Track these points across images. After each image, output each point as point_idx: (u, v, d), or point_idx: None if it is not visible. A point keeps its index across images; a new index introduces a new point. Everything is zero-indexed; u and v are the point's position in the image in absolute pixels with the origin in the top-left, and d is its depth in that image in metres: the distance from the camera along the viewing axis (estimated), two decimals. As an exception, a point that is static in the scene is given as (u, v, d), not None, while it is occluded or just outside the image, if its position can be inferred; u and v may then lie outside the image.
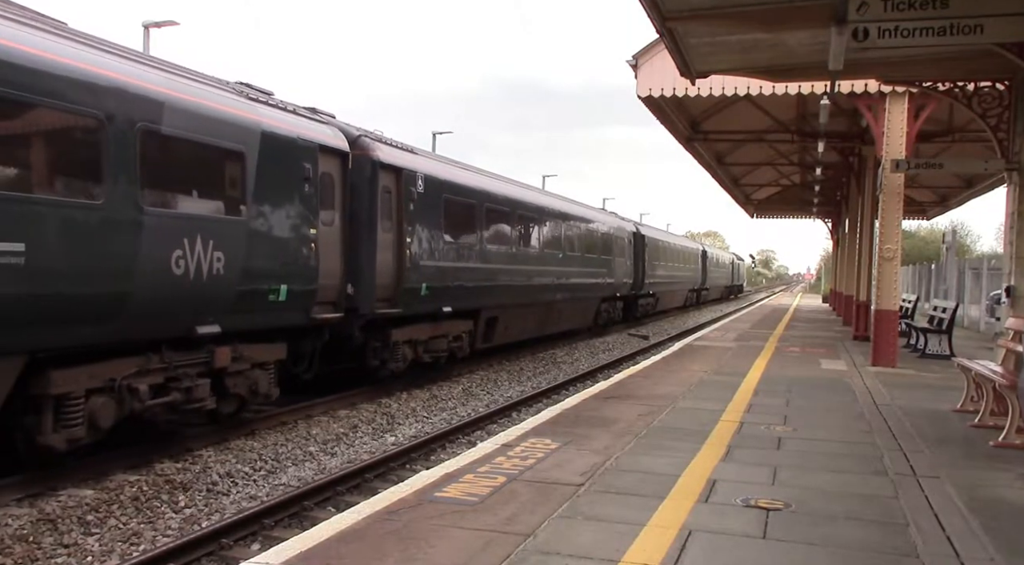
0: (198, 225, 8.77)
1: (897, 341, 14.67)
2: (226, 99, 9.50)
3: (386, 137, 13.65)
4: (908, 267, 40.44)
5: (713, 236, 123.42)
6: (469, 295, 15.54)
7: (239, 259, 9.35)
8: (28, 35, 7.16)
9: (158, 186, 8.36)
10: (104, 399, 8.00)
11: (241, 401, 10.14)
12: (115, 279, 7.80)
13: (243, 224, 9.49)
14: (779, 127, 20.04)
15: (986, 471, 6.66)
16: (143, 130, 8.06)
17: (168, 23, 17.27)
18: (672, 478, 6.08)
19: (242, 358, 9.86)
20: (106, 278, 7.71)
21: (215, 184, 9.32)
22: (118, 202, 7.76)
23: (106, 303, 7.74)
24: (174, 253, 8.42)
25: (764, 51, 10.17)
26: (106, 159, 7.65)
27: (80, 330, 7.57)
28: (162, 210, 8.38)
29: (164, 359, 8.68)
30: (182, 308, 8.66)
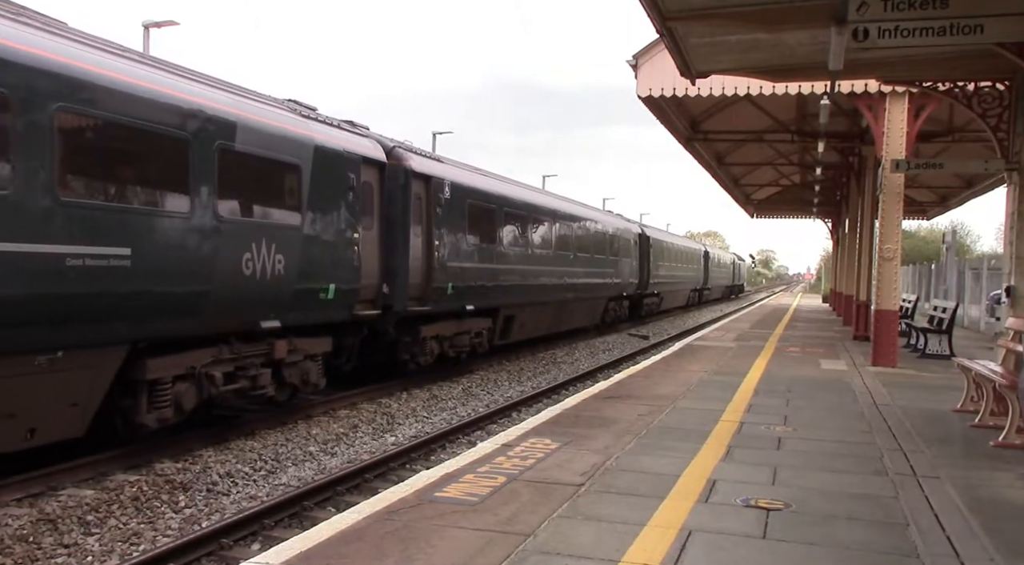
0: (263, 231, 9.88)
1: (897, 341, 14.67)
2: (285, 118, 10.64)
3: (416, 147, 14.66)
4: (908, 267, 40.44)
5: (713, 236, 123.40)
6: (489, 294, 16.50)
7: (296, 261, 10.43)
8: (144, 70, 8.42)
9: (232, 197, 9.42)
10: (187, 384, 9.11)
11: (294, 389, 11.13)
12: (199, 279, 8.87)
13: (299, 230, 10.61)
14: (779, 127, 20.05)
15: (986, 471, 6.66)
16: (220, 148, 9.19)
17: (168, 23, 17.27)
18: (672, 478, 6.08)
19: (296, 350, 10.90)
20: (192, 278, 8.79)
21: (277, 194, 10.37)
22: (200, 212, 8.88)
23: (191, 300, 8.81)
24: (244, 256, 9.54)
25: (764, 51, 10.17)
26: (192, 174, 8.78)
27: (170, 323, 8.65)
28: (235, 218, 9.47)
29: (233, 350, 9.76)
30: (250, 305, 9.72)
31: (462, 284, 15.17)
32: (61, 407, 7.61)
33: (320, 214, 10.99)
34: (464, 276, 15.31)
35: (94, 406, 7.98)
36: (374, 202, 12.64)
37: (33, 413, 7.31)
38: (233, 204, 9.46)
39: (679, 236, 49.60)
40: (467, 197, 15.56)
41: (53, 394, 7.49)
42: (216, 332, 9.41)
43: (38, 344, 7.19)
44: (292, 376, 10.89)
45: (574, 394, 11.52)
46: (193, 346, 9.13)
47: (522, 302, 18.46)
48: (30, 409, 7.26)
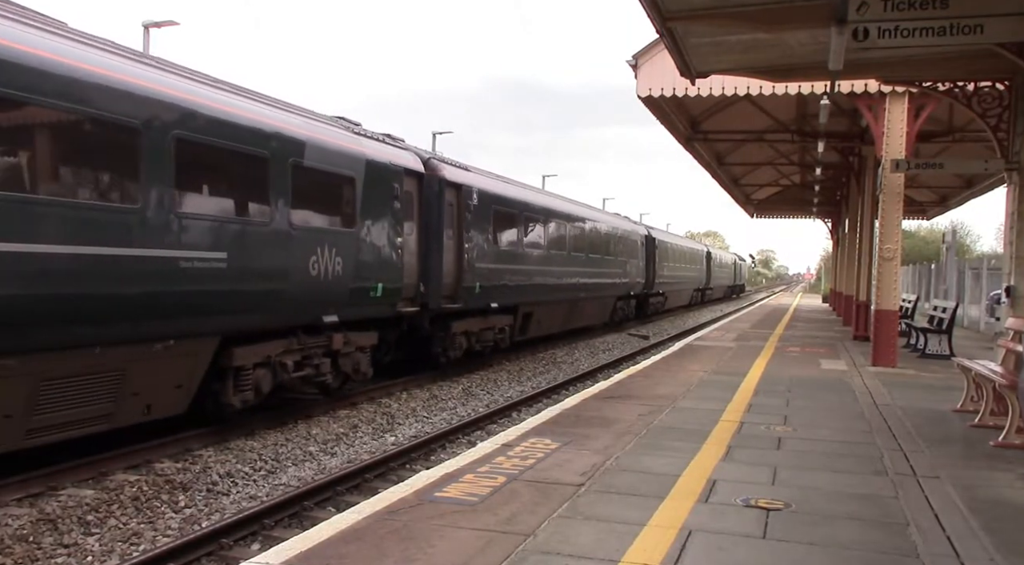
0: (326, 237, 11.18)
1: (897, 341, 14.67)
2: (343, 136, 11.92)
3: (447, 158, 15.94)
4: (908, 267, 40.44)
5: (713, 236, 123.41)
6: (511, 293, 17.76)
7: (351, 263, 11.70)
8: (235, 99, 9.79)
9: (302, 207, 10.66)
10: (264, 371, 10.39)
11: (346, 377, 12.39)
12: (276, 279, 10.17)
13: (354, 235, 11.87)
14: (779, 127, 20.04)
15: (986, 471, 6.66)
16: (293, 164, 10.49)
17: (168, 23, 17.26)
18: (672, 478, 6.08)
19: (350, 342, 12.15)
20: (271, 279, 10.09)
21: (337, 204, 11.66)
22: (278, 221, 10.19)
23: (270, 297, 10.11)
24: (311, 259, 10.81)
25: (764, 51, 10.17)
26: (271, 188, 10.07)
27: (253, 318, 9.93)
28: (304, 225, 10.73)
29: (300, 342, 11.00)
30: (314, 301, 10.96)
31: (488, 283, 16.35)
32: (169, 388, 8.96)
33: (371, 221, 12.29)
34: (489, 276, 16.48)
35: (193, 388, 9.32)
36: (414, 209, 13.90)
37: (150, 392, 8.68)
38: (303, 213, 10.71)
39: (683, 237, 51.02)
40: (492, 203, 16.83)
41: (164, 377, 8.84)
42: (288, 325, 10.72)
43: (157, 334, 8.54)
44: (346, 365, 12.20)
45: (574, 394, 11.52)
46: (269, 338, 10.42)
47: (539, 300, 19.76)
48: (148, 389, 8.63)
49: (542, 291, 19.78)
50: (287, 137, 10.42)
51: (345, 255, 11.52)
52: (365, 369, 12.68)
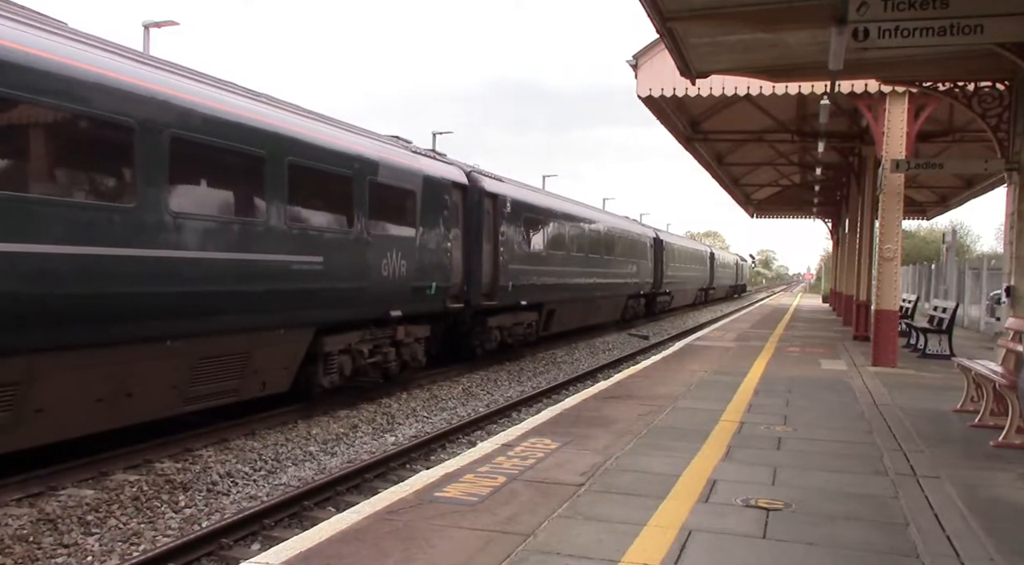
0: (394, 242, 13.02)
1: (897, 341, 14.67)
2: (406, 155, 13.93)
3: (486, 171, 17.80)
4: (908, 267, 40.45)
5: (713, 236, 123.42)
6: (537, 291, 19.60)
7: (413, 265, 13.59)
8: (328, 128, 11.75)
9: (376, 218, 12.47)
10: (346, 357, 12.20)
11: (404, 365, 14.07)
12: (358, 279, 12.04)
13: (415, 240, 13.75)
14: (779, 127, 20.04)
15: (986, 471, 6.66)
16: (370, 182, 12.31)
17: (168, 23, 17.27)
18: (672, 478, 6.08)
19: (409, 334, 13.93)
20: (354, 278, 11.94)
21: (402, 214, 13.47)
22: (359, 229, 12.05)
23: (353, 295, 11.93)
24: (383, 262, 12.65)
25: (764, 51, 10.17)
26: (354, 202, 11.95)
27: (341, 312, 11.76)
28: (378, 233, 12.57)
29: (371, 333, 12.76)
30: (385, 298, 12.78)
31: (518, 283, 18.23)
32: (279, 369, 10.77)
33: (427, 228, 14.17)
34: (520, 276, 18.36)
35: (295, 370, 11.10)
36: (459, 217, 15.73)
37: (266, 372, 10.50)
38: (378, 223, 12.54)
39: (689, 240, 53.50)
40: (522, 210, 18.72)
41: (276, 360, 10.66)
42: (364, 318, 12.44)
43: (273, 324, 10.34)
44: (406, 354, 14.01)
45: (574, 394, 11.53)
46: (350, 329, 12.12)
47: (562, 298, 21.66)
48: (264, 369, 10.44)
49: (564, 290, 21.64)
50: (365, 159, 12.32)
51: (408, 258, 13.48)
52: (420, 358, 14.58)
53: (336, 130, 12.00)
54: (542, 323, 20.51)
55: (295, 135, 10.73)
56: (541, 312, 20.21)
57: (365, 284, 12.16)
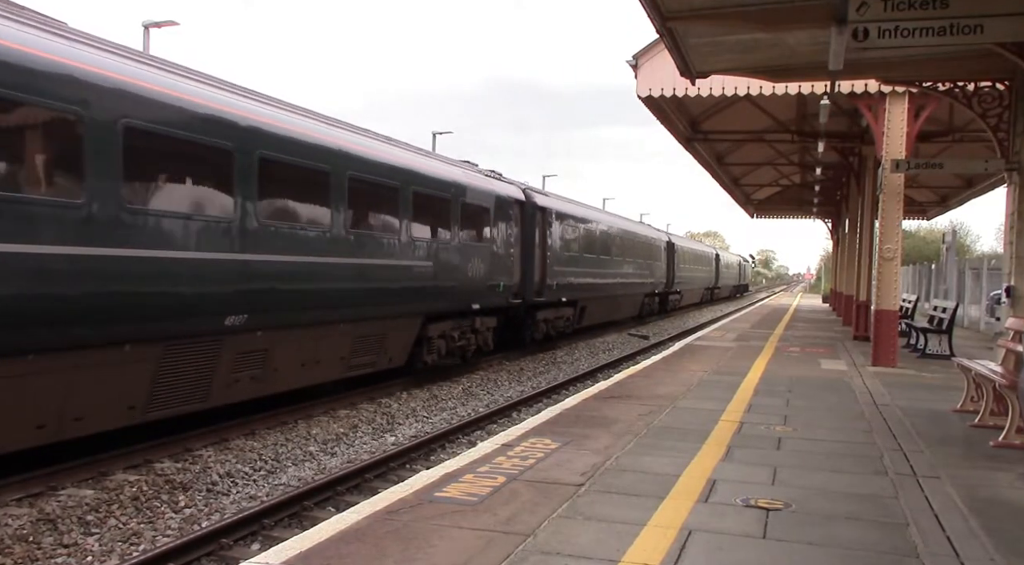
0: (475, 249, 16.18)
1: (897, 341, 14.67)
2: (483, 179, 17.22)
3: (536, 188, 21.46)
4: (908, 267, 40.44)
5: (713, 236, 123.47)
6: (575, 290, 22.63)
7: (487, 267, 16.72)
8: (429, 160, 14.93)
9: (466, 229, 15.75)
10: (442, 340, 15.31)
11: (477, 349, 17.11)
12: (453, 278, 15.14)
13: (489, 248, 16.96)
14: (779, 127, 20.03)
15: (986, 471, 6.66)
16: (461, 202, 15.53)
17: (168, 23, 17.28)
18: (672, 478, 6.08)
19: (483, 324, 17.14)
20: (451, 278, 15.07)
21: (481, 226, 16.59)
22: (455, 239, 15.26)
23: (450, 291, 15.00)
24: (469, 264, 15.78)
25: (764, 51, 10.17)
26: (451, 218, 15.12)
27: (441, 304, 14.74)
28: (467, 242, 15.74)
29: (458, 322, 15.89)
30: (469, 294, 15.90)
31: (561, 282, 21.18)
32: (400, 348, 13.88)
33: (497, 238, 17.34)
34: (561, 276, 21.29)
35: (409, 349, 14.21)
36: (518, 227, 18.71)
37: (392, 350, 13.56)
38: (465, 233, 15.68)
39: (697, 243, 57.06)
40: (563, 220, 21.78)
41: (398, 341, 13.73)
42: (454, 310, 15.47)
43: (401, 313, 13.46)
44: (479, 341, 17.14)
45: (574, 394, 11.52)
46: (444, 318, 15.19)
47: (593, 296, 24.80)
48: (391, 347, 13.48)
49: (595, 289, 24.84)
50: (458, 184, 15.54)
51: (484, 262, 16.53)
52: (490, 344, 17.74)
53: (439, 163, 15.55)
54: (577, 317, 23.64)
55: (416, 169, 13.92)
56: (576, 307, 23.41)
57: (457, 283, 15.35)
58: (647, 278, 32.66)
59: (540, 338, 20.75)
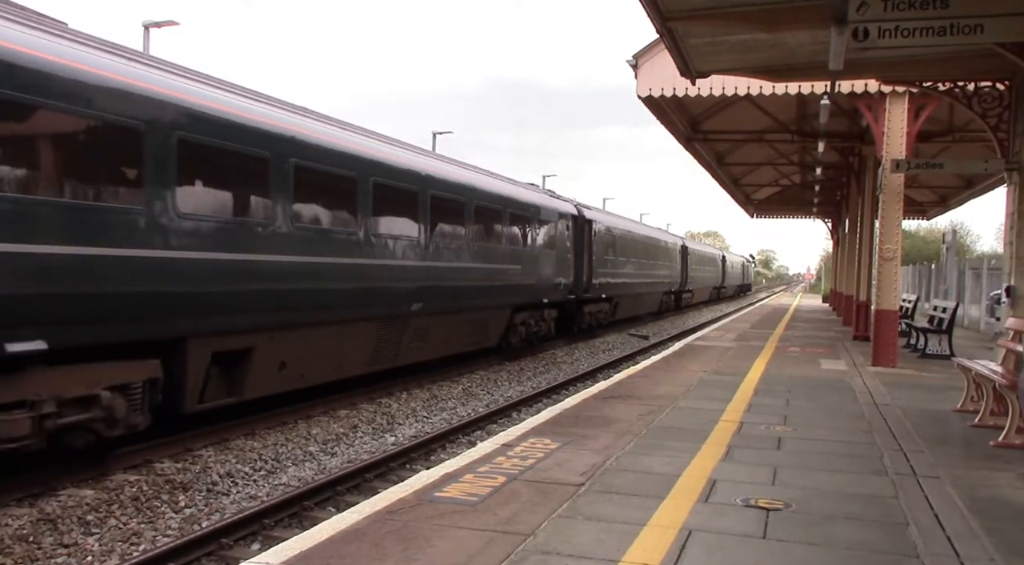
0: (546, 255, 20.23)
1: (897, 341, 14.66)
2: (549, 199, 21.48)
3: (585, 204, 25.66)
4: (908, 267, 40.44)
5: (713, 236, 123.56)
6: (611, 288, 27.08)
7: (553, 269, 20.77)
8: (510, 186, 18.86)
9: (538, 239, 19.72)
10: (523, 327, 19.51)
11: (544, 336, 21.38)
12: (532, 277, 19.18)
13: (554, 253, 20.99)
14: (779, 127, 20.03)
15: (986, 471, 6.66)
16: (537, 218, 19.55)
17: (168, 23, 17.28)
18: (672, 478, 6.08)
19: (549, 315, 21.44)
20: (530, 277, 19.03)
21: (549, 236, 20.65)
22: (532, 246, 19.31)
23: (530, 288, 19.13)
24: (541, 267, 19.86)
25: (764, 51, 10.17)
26: (529, 230, 19.09)
27: (524, 298, 18.92)
28: (540, 249, 19.82)
29: (533, 313, 20.09)
30: (542, 290, 20.06)
31: (601, 282, 25.55)
32: (495, 332, 18.02)
33: (559, 245, 21.46)
34: (602, 277, 25.64)
35: (501, 333, 18.37)
36: (571, 237, 22.61)
37: (491, 334, 17.82)
38: (540, 242, 19.90)
39: (707, 246, 62.43)
40: (603, 229, 26.02)
41: (496, 326, 17.93)
42: (531, 303, 19.56)
43: (499, 305, 17.62)
44: (544, 328, 21.35)
45: (574, 394, 11.52)
46: (525, 310, 19.45)
47: (624, 294, 29.30)
48: (491, 332, 17.75)
49: (625, 287, 29.26)
50: (536, 205, 19.94)
51: (551, 265, 20.62)
52: (552, 331, 22.08)
53: (523, 189, 19.99)
54: (612, 311, 28.27)
55: (511, 195, 18.37)
56: (611, 303, 27.95)
57: (535, 282, 19.46)
58: (665, 278, 37.25)
59: (585, 327, 25.32)
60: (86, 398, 7.73)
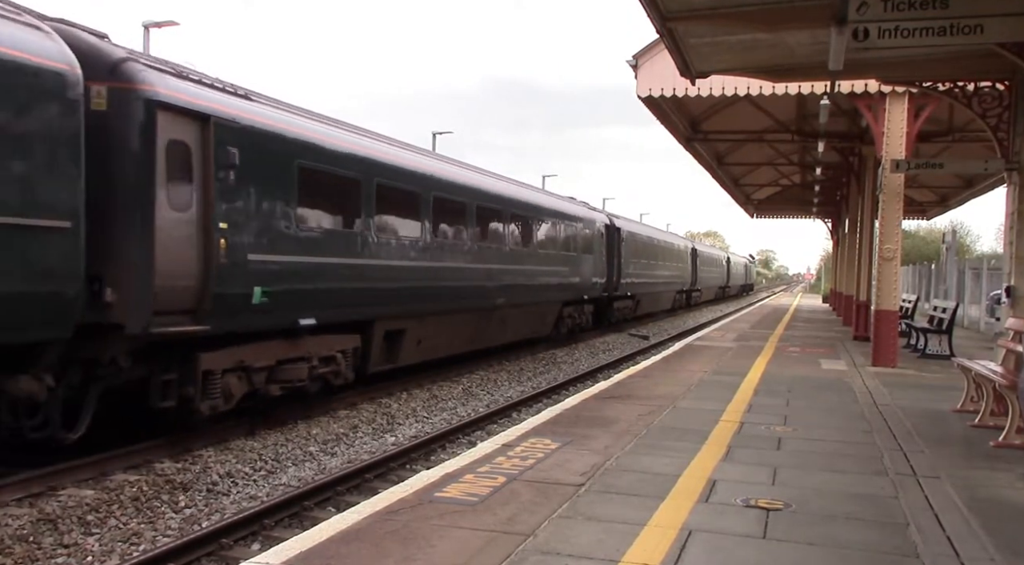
0: (586, 259, 23.66)
1: (897, 341, 14.67)
2: (590, 212, 25.37)
3: (617, 214, 30.23)
4: (908, 267, 40.43)
5: (713, 236, 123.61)
6: (634, 287, 30.70)
7: (591, 271, 24.25)
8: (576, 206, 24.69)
9: (581, 246, 23.36)
10: (570, 319, 23.50)
11: (582, 327, 25.11)
12: (576, 278, 22.73)
13: (592, 258, 24.36)
14: (779, 127, 20.03)
15: (986, 471, 6.66)
16: (582, 228, 23.84)
17: (168, 23, 17.28)
18: (672, 478, 6.08)
19: (587, 309, 25.43)
20: (575, 277, 22.63)
21: (589, 243, 24.11)
22: (580, 252, 23.18)
23: (574, 285, 22.59)
24: (583, 268, 23.36)
25: (764, 51, 10.17)
26: (576, 238, 23.05)
27: (569, 294, 22.53)
28: (582, 254, 23.39)
29: (576, 308, 23.82)
30: (583, 288, 23.47)
31: (627, 281, 29.20)
32: (550, 323, 21.76)
33: (596, 251, 25.01)
34: (627, 277, 29.21)
35: (552, 324, 21.91)
36: (604, 243, 26.06)
37: (546, 324, 21.53)
38: (583, 248, 23.44)
39: (714, 248, 67.48)
40: (630, 235, 30.01)
41: (549, 318, 21.61)
42: (575, 299, 23.26)
43: (552, 300, 21.36)
44: (584, 320, 25.28)
45: (574, 394, 11.52)
46: (570, 304, 23.13)
47: (644, 292, 32.87)
48: (547, 322, 21.55)
49: (646, 286, 32.91)
50: (580, 217, 23.72)
51: (589, 268, 24.11)
52: (590, 322, 25.98)
53: (570, 204, 23.81)
54: (634, 307, 32.01)
55: (565, 211, 22.51)
56: (635, 300, 31.75)
57: (579, 281, 22.99)
58: (678, 278, 41.28)
59: (614, 321, 29.10)
60: (328, 357, 11.53)
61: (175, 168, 8.62)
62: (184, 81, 8.93)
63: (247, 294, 9.55)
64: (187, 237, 8.75)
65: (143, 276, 8.13)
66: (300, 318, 10.53)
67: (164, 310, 8.38)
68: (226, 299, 9.19)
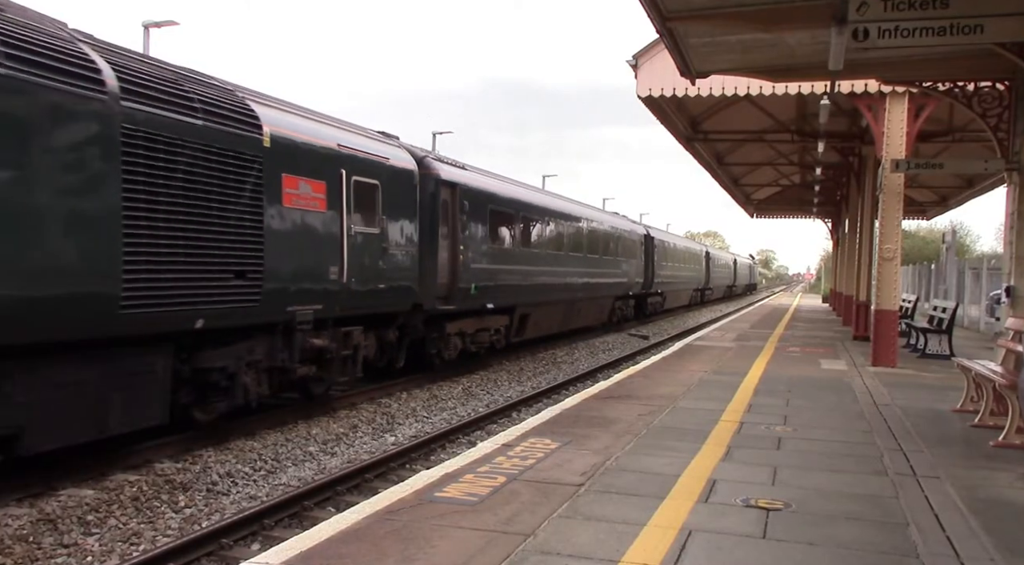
0: (633, 263, 29.98)
1: (897, 341, 14.67)
2: (633, 224, 31.84)
3: (648, 224, 36.50)
4: (908, 267, 40.44)
5: (713, 236, 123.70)
6: (663, 286, 35.76)
7: (636, 270, 30.44)
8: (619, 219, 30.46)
9: (630, 251, 29.96)
10: (620, 310, 29.79)
11: (625, 319, 30.77)
12: (624, 278, 28.76)
13: (635, 262, 30.19)
14: (779, 127, 20.04)
15: (986, 471, 6.66)
16: (630, 238, 30.35)
17: (168, 23, 17.28)
18: (672, 478, 6.08)
19: (631, 303, 31.35)
20: (623, 278, 28.74)
21: (634, 249, 30.23)
22: (628, 257, 29.23)
23: (623, 284, 28.76)
24: (631, 270, 29.58)
25: (764, 51, 10.17)
26: (627, 247, 29.43)
27: (620, 292, 28.80)
28: (630, 258, 29.47)
29: (624, 302, 30.25)
30: (629, 286, 29.66)
31: (657, 280, 34.25)
32: (605, 313, 27.75)
33: (637, 255, 30.28)
34: (657, 276, 34.08)
35: (607, 314, 27.97)
36: (641, 250, 30.94)
37: (602, 314, 27.43)
38: (630, 254, 29.32)
39: (722, 251, 73.70)
40: (662, 243, 35.55)
41: (605, 309, 27.65)
42: (623, 295, 29.25)
43: (607, 295, 27.16)
44: (628, 312, 30.72)
45: (574, 394, 11.52)
46: (620, 299, 29.09)
47: (669, 290, 38.24)
48: (604, 313, 27.66)
49: (669, 284, 37.72)
50: (629, 230, 29.43)
51: (634, 269, 29.49)
52: (633, 314, 31.45)
53: (622, 220, 29.48)
54: (662, 302, 36.90)
55: (618, 225, 28.18)
56: (662, 297, 36.71)
57: (627, 281, 28.60)
58: (695, 278, 46.62)
59: (649, 313, 34.45)
60: (497, 329, 17.69)
61: (444, 215, 14.72)
62: (445, 164, 15.20)
63: (469, 288, 15.56)
64: (447, 254, 14.82)
65: (433, 277, 14.17)
66: (487, 303, 16.42)
67: (438, 297, 14.33)
68: (460, 291, 15.18)
